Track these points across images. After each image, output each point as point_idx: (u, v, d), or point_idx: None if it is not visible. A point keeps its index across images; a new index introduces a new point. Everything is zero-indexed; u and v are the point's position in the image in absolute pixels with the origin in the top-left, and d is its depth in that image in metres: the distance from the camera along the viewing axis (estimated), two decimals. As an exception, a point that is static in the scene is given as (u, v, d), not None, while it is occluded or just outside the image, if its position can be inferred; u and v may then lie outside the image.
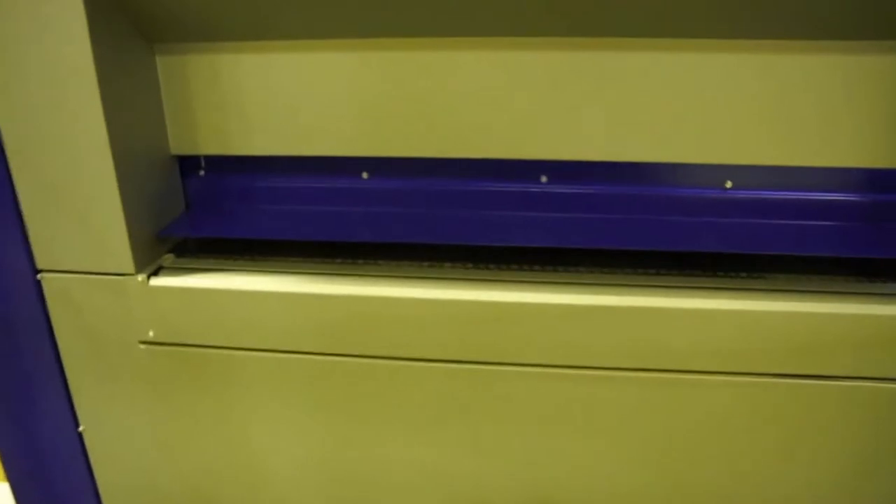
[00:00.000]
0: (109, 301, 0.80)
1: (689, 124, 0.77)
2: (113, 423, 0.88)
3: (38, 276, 0.79)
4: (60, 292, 0.80)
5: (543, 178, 0.85)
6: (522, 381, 0.80)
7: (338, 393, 0.83)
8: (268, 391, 0.83)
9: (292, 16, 0.74)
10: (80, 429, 0.89)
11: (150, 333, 0.81)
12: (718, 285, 0.77)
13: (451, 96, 0.79)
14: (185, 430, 0.87)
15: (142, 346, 0.82)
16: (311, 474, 0.89)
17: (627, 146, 0.80)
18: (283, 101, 0.81)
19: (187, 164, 0.88)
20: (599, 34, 0.74)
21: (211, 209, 0.88)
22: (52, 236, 0.77)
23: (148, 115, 0.80)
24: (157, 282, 0.79)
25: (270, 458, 0.88)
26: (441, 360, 0.80)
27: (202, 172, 0.89)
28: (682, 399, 0.77)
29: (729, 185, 0.82)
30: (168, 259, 0.83)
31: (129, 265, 0.77)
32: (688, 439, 0.80)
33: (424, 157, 0.83)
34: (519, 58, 0.76)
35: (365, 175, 0.87)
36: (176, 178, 0.87)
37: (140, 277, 0.78)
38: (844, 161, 0.77)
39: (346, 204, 0.88)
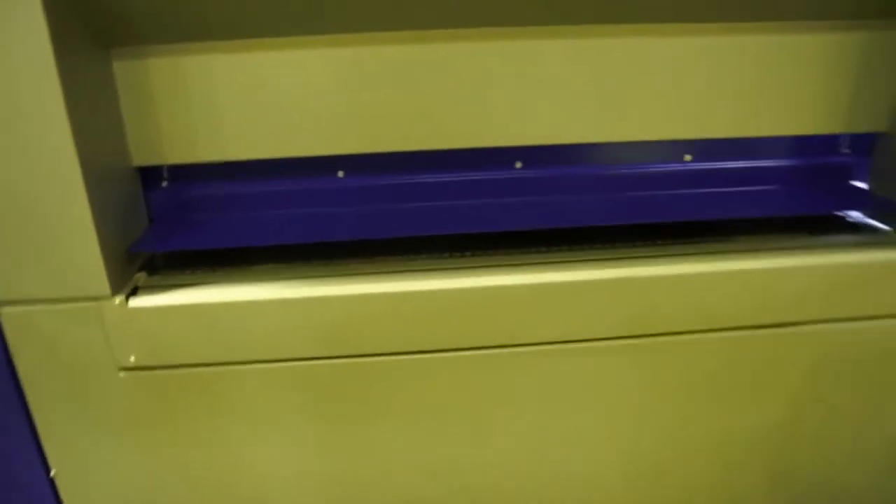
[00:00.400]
0: (82, 329, 0.73)
1: (651, 104, 0.83)
2: (90, 462, 0.81)
3: (-4, 310, 0.72)
4: (23, 326, 0.73)
5: (518, 164, 0.88)
6: (520, 362, 0.82)
7: (344, 396, 0.81)
8: (270, 403, 0.80)
9: (257, 14, 0.72)
10: (52, 473, 0.81)
11: (132, 359, 0.75)
12: (693, 251, 0.83)
13: (423, 89, 0.79)
14: (177, 459, 0.82)
15: (122, 374, 0.76)
16: (322, 483, 0.87)
17: (596, 128, 0.84)
18: (253, 103, 0.78)
19: (148, 176, 0.83)
20: (563, 22, 0.77)
21: (180, 222, 0.84)
22: (12, 264, 0.70)
23: (109, 127, 0.74)
24: (137, 302, 0.73)
25: (277, 474, 0.85)
26: (438, 351, 0.80)
27: (165, 183, 0.84)
28: (674, 359, 0.83)
29: (688, 158, 0.89)
30: (141, 278, 0.78)
31: (103, 288, 0.72)
32: (683, 395, 0.85)
33: (400, 152, 0.83)
34: (488, 48, 0.78)
35: (341, 174, 0.86)
36: (138, 192, 0.82)
37: (118, 300, 0.72)
38: (787, 130, 0.86)
39: (323, 204, 0.86)
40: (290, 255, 0.85)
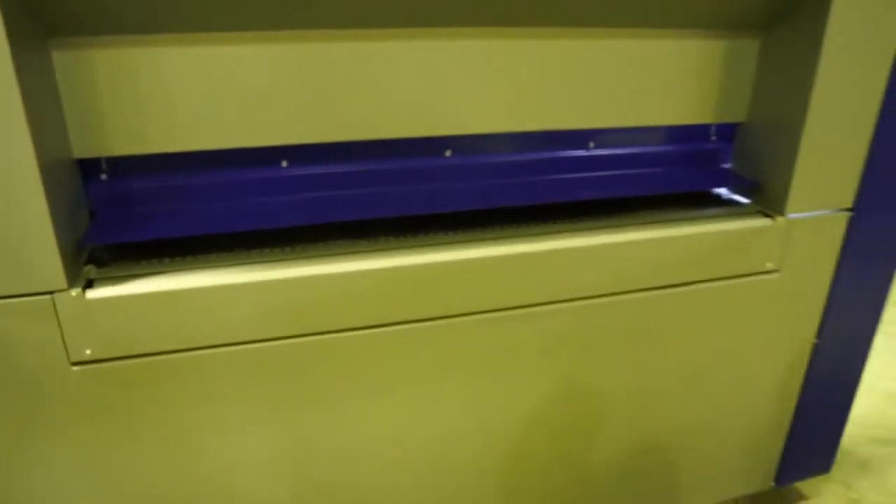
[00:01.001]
0: (33, 325, 0.72)
1: (560, 99, 0.95)
2: (35, 469, 0.79)
3: (-65, 313, 0.69)
4: (-36, 326, 0.70)
5: (448, 153, 0.97)
6: (461, 331, 0.91)
7: (307, 375, 0.85)
8: (231, 386, 0.82)
9: (198, 7, 0.75)
10: (-7, 479, 0.78)
11: (88, 352, 0.75)
12: (598, 226, 0.96)
13: (360, 83, 0.85)
14: (134, 452, 0.81)
15: (75, 369, 0.75)
16: (291, 463, 0.90)
17: (516, 120, 0.95)
18: (195, 95, 0.80)
19: (86, 169, 0.82)
20: (487, 25, 0.87)
21: (126, 213, 0.83)
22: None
23: (53, 118, 0.73)
24: (94, 294, 0.73)
25: (244, 458, 0.87)
26: (386, 325, 0.87)
27: (104, 176, 0.83)
28: (596, 318, 0.96)
29: (592, 145, 1.02)
30: (92, 270, 0.77)
31: (60, 281, 0.71)
32: (605, 348, 0.99)
33: (340, 142, 0.89)
34: (421, 48, 0.86)
35: (284, 163, 0.90)
36: (79, 184, 0.80)
37: (74, 292, 0.72)
38: (669, 120, 1.02)
39: (267, 194, 0.90)
40: (237, 245, 0.88)
